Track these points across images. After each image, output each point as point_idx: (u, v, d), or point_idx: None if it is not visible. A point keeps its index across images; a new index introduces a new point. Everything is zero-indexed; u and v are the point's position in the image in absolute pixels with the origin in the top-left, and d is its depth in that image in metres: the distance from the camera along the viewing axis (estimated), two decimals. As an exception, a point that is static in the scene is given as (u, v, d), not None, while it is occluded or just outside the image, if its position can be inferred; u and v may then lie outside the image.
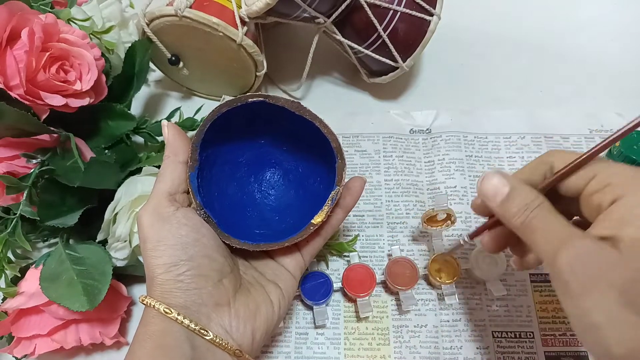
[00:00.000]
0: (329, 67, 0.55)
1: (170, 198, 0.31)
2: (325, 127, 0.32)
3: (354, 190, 0.36)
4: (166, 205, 0.30)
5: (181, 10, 0.41)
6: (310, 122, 0.32)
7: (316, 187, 0.37)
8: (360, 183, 0.36)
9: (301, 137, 0.36)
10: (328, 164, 0.34)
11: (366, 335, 0.39)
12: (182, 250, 0.29)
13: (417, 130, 0.49)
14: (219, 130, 0.32)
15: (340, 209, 0.35)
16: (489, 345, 0.38)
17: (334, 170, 0.32)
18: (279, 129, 0.36)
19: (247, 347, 0.30)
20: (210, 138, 0.32)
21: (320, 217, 0.32)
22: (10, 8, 0.34)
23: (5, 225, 0.37)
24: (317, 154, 0.36)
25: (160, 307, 0.28)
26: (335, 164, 0.32)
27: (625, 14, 0.58)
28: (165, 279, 0.29)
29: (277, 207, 0.38)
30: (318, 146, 0.34)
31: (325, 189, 0.35)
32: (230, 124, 0.33)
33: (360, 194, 0.36)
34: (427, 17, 0.44)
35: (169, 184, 0.31)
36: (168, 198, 0.30)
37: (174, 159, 0.32)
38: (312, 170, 0.38)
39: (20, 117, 0.35)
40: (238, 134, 0.36)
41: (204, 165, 0.33)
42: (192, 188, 0.31)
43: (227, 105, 0.31)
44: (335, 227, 0.36)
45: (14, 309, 0.35)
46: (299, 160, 0.38)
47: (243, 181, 0.38)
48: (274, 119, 0.34)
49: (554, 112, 0.49)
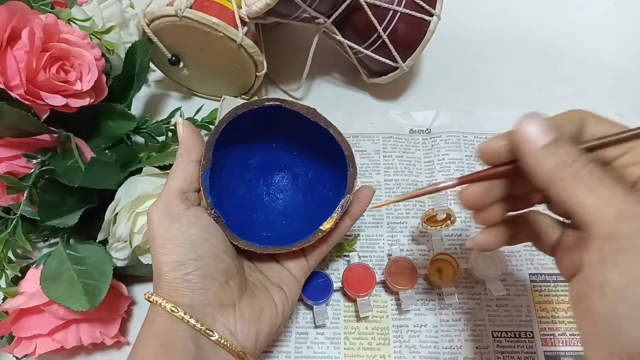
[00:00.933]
0: (329, 67, 0.55)
1: (181, 196, 0.30)
2: (339, 135, 0.32)
3: (362, 200, 0.36)
4: (177, 203, 0.30)
5: (181, 10, 0.41)
6: (323, 129, 0.32)
7: (325, 194, 0.37)
8: (370, 193, 0.36)
9: (313, 142, 0.36)
10: (338, 171, 0.34)
11: (366, 335, 0.39)
12: (191, 249, 0.29)
13: (417, 131, 0.49)
14: (233, 131, 0.32)
15: (348, 217, 0.35)
16: (489, 345, 0.38)
17: (343, 177, 0.32)
18: (291, 134, 0.36)
19: (251, 348, 0.30)
20: (224, 139, 0.32)
21: (329, 223, 0.32)
22: (10, 8, 0.34)
23: (6, 225, 0.37)
24: (328, 161, 0.36)
25: (167, 306, 0.28)
26: (346, 172, 0.32)
27: (625, 14, 0.58)
28: (172, 277, 0.29)
29: (284, 211, 0.38)
30: (329, 153, 0.34)
31: (334, 195, 0.35)
32: (243, 125, 0.33)
33: (368, 204, 0.36)
34: (427, 18, 0.44)
35: (181, 182, 0.31)
36: (179, 196, 0.30)
37: (187, 157, 0.32)
38: (322, 176, 0.38)
39: (20, 117, 0.35)
40: (250, 136, 0.36)
41: (216, 165, 0.33)
42: (204, 187, 0.31)
43: (244, 107, 0.31)
44: (342, 235, 0.36)
45: (15, 309, 0.35)
46: (309, 166, 0.38)
47: (252, 183, 0.38)
48: (287, 123, 0.34)
49: (554, 112, 0.49)
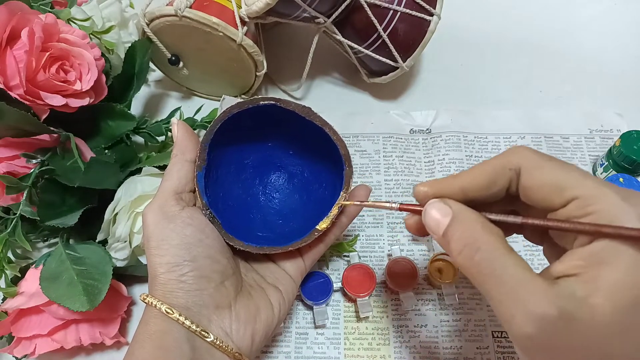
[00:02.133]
0: (329, 67, 0.55)
1: (176, 197, 0.30)
2: (335, 134, 0.32)
3: (358, 199, 0.35)
4: (172, 204, 0.30)
5: (181, 10, 0.41)
6: (319, 128, 0.32)
7: (321, 193, 0.37)
8: (366, 192, 0.36)
9: (309, 142, 0.36)
10: (334, 170, 0.34)
11: (366, 335, 0.39)
12: (186, 251, 0.29)
13: (417, 130, 0.49)
14: (228, 131, 0.32)
15: (345, 216, 0.35)
16: (489, 345, 0.38)
17: (340, 176, 0.32)
18: (287, 133, 0.36)
19: (246, 349, 0.30)
20: (219, 138, 0.32)
21: (325, 223, 0.32)
22: (10, 8, 0.34)
23: (5, 225, 0.37)
24: (324, 160, 0.36)
25: (162, 307, 0.28)
26: (342, 171, 0.32)
27: (625, 14, 0.58)
28: (167, 279, 0.28)
29: (280, 211, 0.38)
30: (325, 152, 0.34)
31: (330, 195, 0.35)
32: (238, 125, 0.33)
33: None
34: (427, 17, 0.44)
35: (176, 182, 0.31)
36: (174, 197, 0.30)
37: (181, 157, 0.32)
38: (318, 176, 0.37)
39: (20, 117, 0.35)
40: (246, 135, 0.36)
41: (211, 165, 0.33)
42: (198, 188, 0.31)
43: (238, 106, 0.31)
44: (338, 235, 0.36)
45: (14, 309, 0.35)
46: (305, 165, 0.38)
47: (248, 183, 0.38)
48: (283, 123, 0.34)
49: (554, 112, 0.49)
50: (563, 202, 0.21)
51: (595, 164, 0.46)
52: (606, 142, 0.47)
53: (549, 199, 0.22)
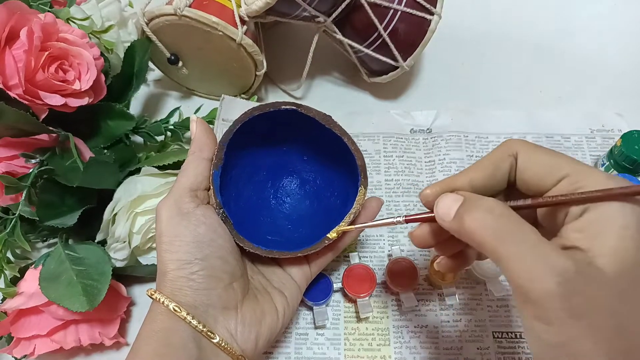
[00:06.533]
0: (329, 67, 0.55)
1: (191, 194, 0.30)
2: (353, 144, 0.32)
3: (370, 210, 0.35)
4: (187, 200, 0.30)
5: (180, 9, 0.41)
6: (337, 136, 0.32)
7: (332, 201, 0.37)
8: (377, 204, 0.36)
9: (324, 149, 0.36)
10: (347, 179, 0.34)
11: (366, 336, 0.39)
12: (198, 249, 0.29)
13: (418, 130, 0.49)
14: (245, 132, 0.32)
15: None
16: (490, 346, 0.38)
17: (352, 186, 0.32)
18: (304, 139, 0.36)
19: (250, 352, 0.30)
20: (236, 139, 0.32)
21: (336, 232, 0.32)
22: (9, 7, 0.34)
23: (5, 225, 0.36)
24: (338, 168, 0.36)
25: (169, 305, 0.27)
26: (356, 181, 0.32)
27: (625, 14, 0.58)
28: (177, 276, 0.28)
29: (290, 216, 0.38)
30: (340, 161, 0.34)
31: (341, 204, 0.35)
32: (256, 127, 0.33)
33: (376, 215, 0.36)
34: (428, 17, 0.44)
35: (192, 179, 0.31)
36: (190, 193, 0.30)
37: (199, 154, 0.31)
38: (330, 184, 0.37)
39: (19, 116, 0.35)
40: (262, 138, 0.36)
41: (226, 165, 0.33)
42: (214, 186, 0.31)
43: (260, 109, 0.32)
44: (347, 244, 0.36)
45: (14, 310, 0.35)
46: (318, 172, 0.38)
47: (260, 186, 0.38)
48: (300, 128, 0.34)
49: (555, 112, 0.49)
50: (555, 180, 0.23)
51: (596, 164, 0.46)
52: (607, 142, 0.47)
53: (542, 179, 0.24)
